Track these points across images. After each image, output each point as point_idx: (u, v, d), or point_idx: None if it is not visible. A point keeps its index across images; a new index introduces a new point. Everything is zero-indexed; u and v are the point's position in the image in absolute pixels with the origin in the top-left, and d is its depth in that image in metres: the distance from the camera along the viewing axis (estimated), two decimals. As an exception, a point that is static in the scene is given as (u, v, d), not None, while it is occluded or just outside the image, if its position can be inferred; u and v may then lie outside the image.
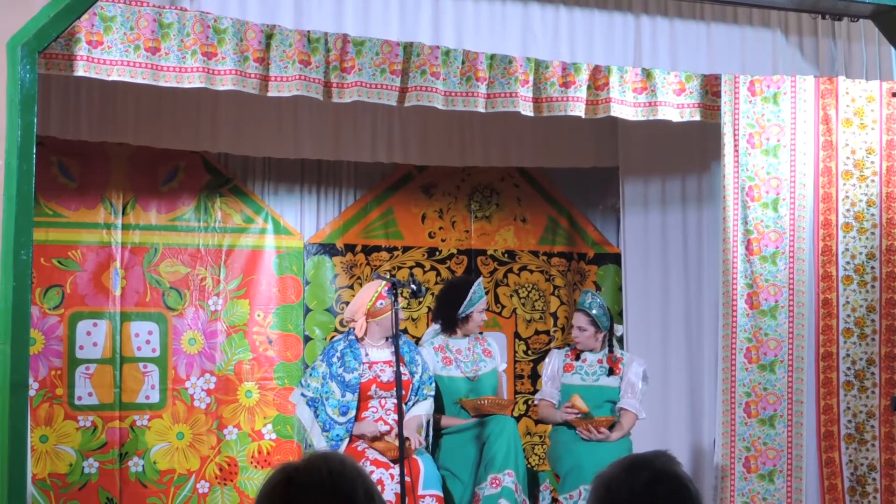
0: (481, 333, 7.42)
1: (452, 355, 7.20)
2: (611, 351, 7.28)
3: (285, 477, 2.49)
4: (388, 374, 6.77)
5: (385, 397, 6.76)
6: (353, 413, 6.71)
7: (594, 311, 7.24)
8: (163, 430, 7.72)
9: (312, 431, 6.78)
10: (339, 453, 2.57)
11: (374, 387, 6.75)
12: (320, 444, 6.74)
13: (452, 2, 6.72)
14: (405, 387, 6.72)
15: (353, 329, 6.96)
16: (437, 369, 7.13)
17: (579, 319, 7.30)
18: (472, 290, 7.25)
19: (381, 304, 6.87)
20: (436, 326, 7.38)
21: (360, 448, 6.65)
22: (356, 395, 6.73)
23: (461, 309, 7.22)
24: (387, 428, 6.69)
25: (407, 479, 6.38)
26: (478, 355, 7.26)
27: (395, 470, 6.44)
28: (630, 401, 7.14)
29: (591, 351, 7.26)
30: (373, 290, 6.96)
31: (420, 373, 6.91)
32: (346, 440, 6.70)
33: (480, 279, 7.47)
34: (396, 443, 6.47)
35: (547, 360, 7.51)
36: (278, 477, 2.50)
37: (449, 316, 7.29)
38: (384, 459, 6.53)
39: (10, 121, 5.05)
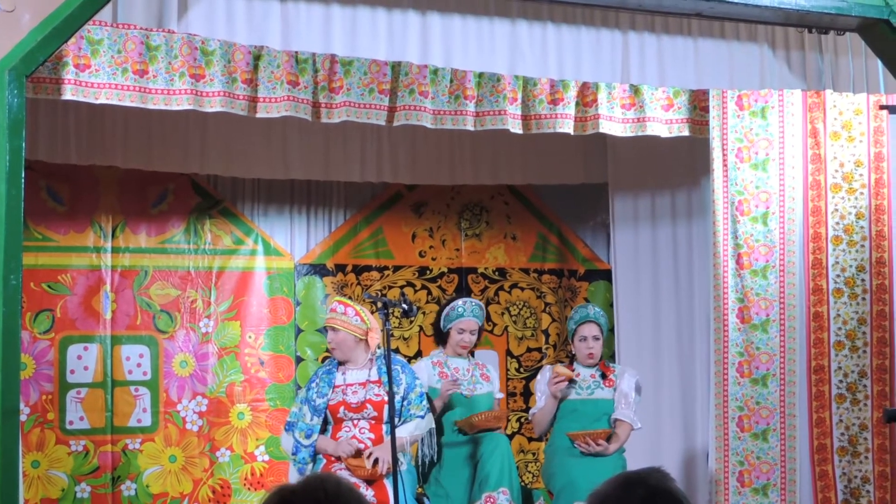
0: (473, 356, 7.35)
1: (449, 371, 7.16)
2: (601, 359, 7.24)
3: (282, 499, 2.48)
4: (359, 396, 6.63)
5: (356, 419, 6.63)
6: (315, 437, 6.58)
7: (600, 320, 7.22)
8: (155, 454, 7.70)
9: (288, 454, 6.71)
10: (336, 475, 2.57)
11: (342, 409, 6.61)
12: (291, 467, 6.66)
13: (440, 20, 6.73)
14: (379, 407, 6.59)
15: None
16: (433, 382, 7.10)
17: (592, 329, 7.19)
18: (449, 306, 7.24)
19: (353, 324, 6.75)
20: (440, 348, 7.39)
21: (333, 469, 6.52)
22: (320, 418, 6.62)
23: (441, 324, 7.23)
24: (361, 446, 6.58)
25: (373, 501, 6.30)
26: (475, 378, 7.22)
27: (365, 492, 6.35)
28: (624, 411, 7.08)
29: (587, 367, 7.21)
30: None
31: (403, 393, 6.68)
32: (311, 464, 6.60)
33: (467, 299, 7.39)
34: (367, 462, 6.40)
35: (539, 376, 7.46)
36: (275, 499, 2.49)
37: (436, 330, 7.31)
38: (355, 480, 6.35)
39: (-2, 145, 5.04)
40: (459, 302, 7.26)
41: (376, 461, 6.39)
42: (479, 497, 6.72)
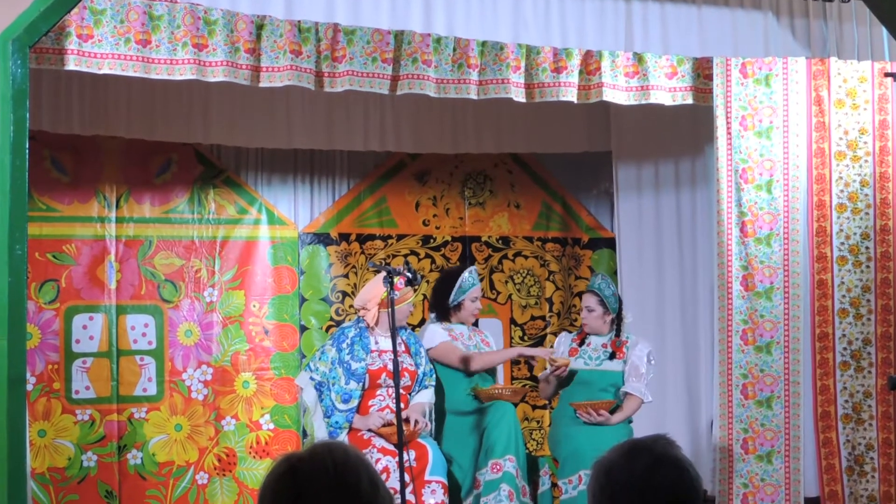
0: (475, 324, 7.41)
1: (455, 334, 7.21)
2: (617, 335, 7.22)
3: (290, 467, 2.47)
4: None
5: (393, 386, 6.73)
6: (355, 402, 6.71)
7: (604, 292, 7.21)
8: (161, 423, 7.73)
9: (315, 416, 6.78)
10: (343, 443, 2.56)
11: (383, 375, 6.75)
12: (321, 429, 6.74)
13: (443, -11, 6.72)
14: (412, 376, 6.80)
15: (363, 317, 6.94)
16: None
17: (588, 300, 7.24)
18: (461, 278, 7.24)
19: (397, 294, 6.78)
20: (432, 316, 7.38)
21: (365, 437, 6.65)
22: (360, 384, 6.73)
23: (451, 297, 7.21)
24: (393, 416, 6.67)
25: (413, 464, 6.42)
26: (477, 343, 7.27)
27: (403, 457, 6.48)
28: (634, 384, 7.06)
29: (597, 335, 7.22)
30: None
31: (424, 364, 6.93)
32: (346, 429, 6.69)
33: (473, 267, 7.40)
34: (405, 427, 6.50)
35: (556, 342, 7.50)
36: (283, 467, 2.48)
37: (441, 305, 7.28)
38: (390, 447, 6.51)
39: (2, 116, 5.04)
40: (466, 273, 7.26)
41: (416, 422, 6.60)
42: (485, 464, 6.75)
